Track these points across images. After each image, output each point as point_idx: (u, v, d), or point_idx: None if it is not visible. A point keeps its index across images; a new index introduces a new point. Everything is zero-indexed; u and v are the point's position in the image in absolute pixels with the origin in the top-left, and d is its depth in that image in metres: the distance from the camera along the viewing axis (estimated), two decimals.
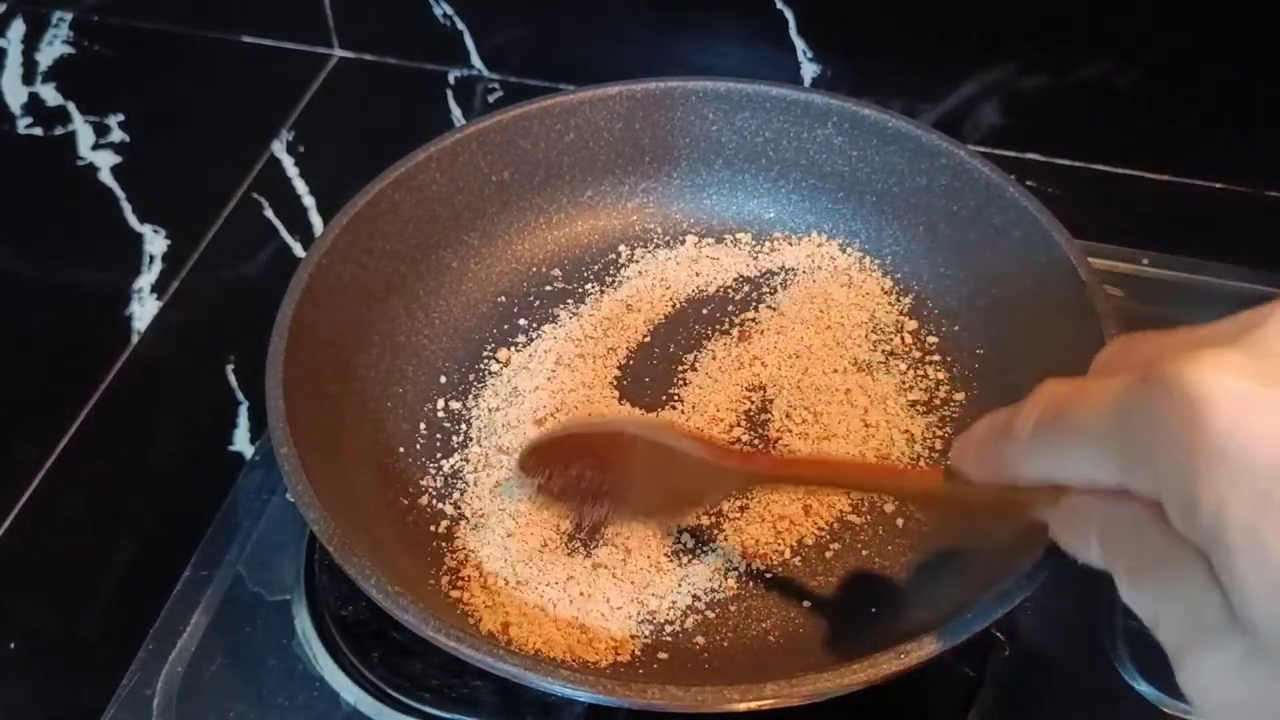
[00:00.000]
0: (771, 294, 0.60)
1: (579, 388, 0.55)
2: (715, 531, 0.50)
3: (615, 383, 0.56)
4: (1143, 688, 0.47)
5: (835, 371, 0.56)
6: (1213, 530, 0.25)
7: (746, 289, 0.60)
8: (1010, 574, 0.40)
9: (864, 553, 0.49)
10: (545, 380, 0.56)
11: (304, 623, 0.50)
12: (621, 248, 0.62)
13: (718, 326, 0.58)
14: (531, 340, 0.58)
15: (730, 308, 0.59)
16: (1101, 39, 0.66)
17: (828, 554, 0.49)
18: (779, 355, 0.57)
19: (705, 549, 0.49)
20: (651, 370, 0.56)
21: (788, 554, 0.49)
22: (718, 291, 0.60)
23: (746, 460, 0.45)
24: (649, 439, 0.45)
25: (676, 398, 0.55)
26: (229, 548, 0.53)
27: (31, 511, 0.56)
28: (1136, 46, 0.66)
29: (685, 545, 0.49)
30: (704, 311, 0.59)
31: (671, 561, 0.49)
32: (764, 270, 0.61)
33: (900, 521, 0.50)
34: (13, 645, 0.51)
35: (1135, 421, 0.27)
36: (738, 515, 0.50)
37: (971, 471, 0.35)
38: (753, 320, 0.58)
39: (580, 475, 0.48)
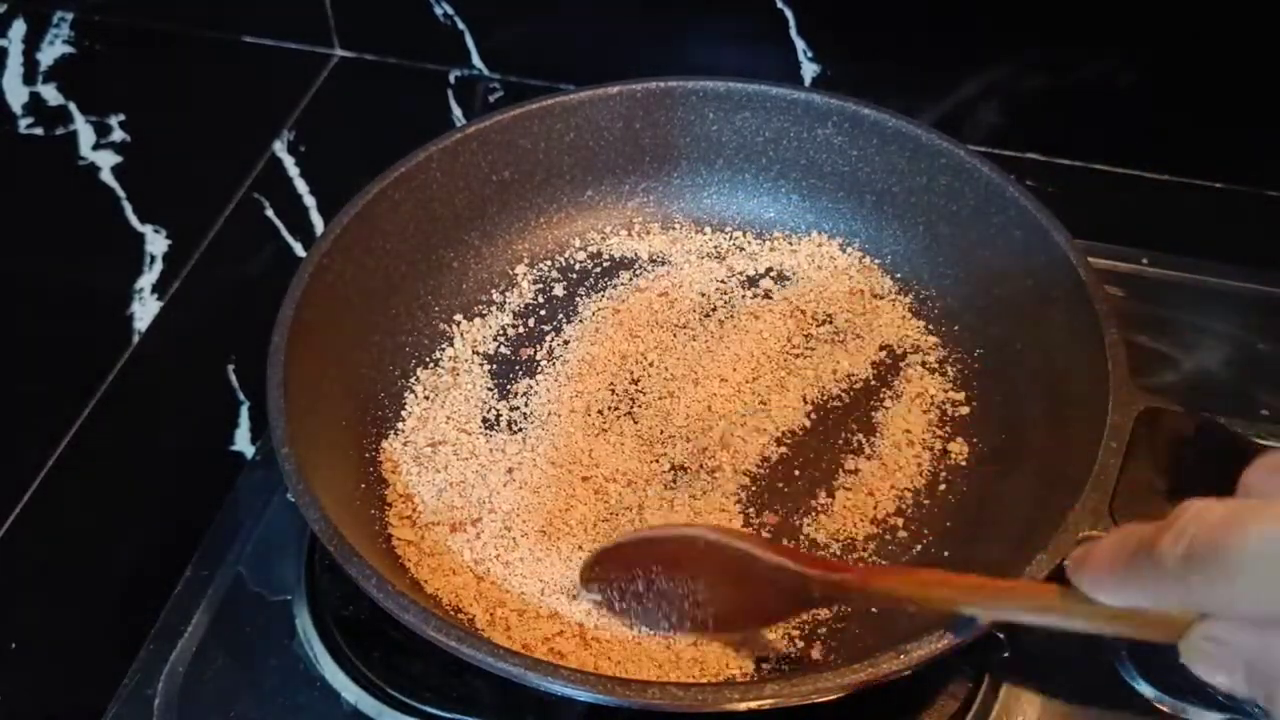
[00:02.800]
0: (771, 294, 0.60)
1: (581, 391, 0.55)
2: None
3: (613, 384, 0.56)
4: (1142, 688, 0.47)
5: (834, 371, 0.56)
6: None
7: (747, 288, 0.60)
8: (1010, 574, 0.40)
9: (865, 554, 0.49)
10: (548, 381, 0.56)
11: (305, 622, 0.50)
12: (621, 247, 0.62)
13: (718, 326, 0.58)
14: (533, 341, 0.58)
15: (731, 307, 0.59)
16: (1101, 39, 0.66)
17: (829, 555, 0.49)
18: (780, 355, 0.57)
19: None
20: (651, 371, 0.56)
21: None
22: (717, 291, 0.60)
23: (831, 568, 0.42)
24: (725, 545, 0.42)
25: (675, 395, 0.55)
26: (230, 547, 0.53)
27: (33, 511, 0.56)
28: (1136, 46, 0.66)
29: None
30: (704, 311, 0.59)
31: None
32: (764, 270, 0.61)
33: (900, 521, 0.50)
34: (14, 645, 0.51)
35: None
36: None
37: (1099, 592, 0.32)
38: (754, 319, 0.59)
39: (646, 585, 0.44)
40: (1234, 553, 0.27)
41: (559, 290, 0.60)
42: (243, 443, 0.59)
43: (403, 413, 0.55)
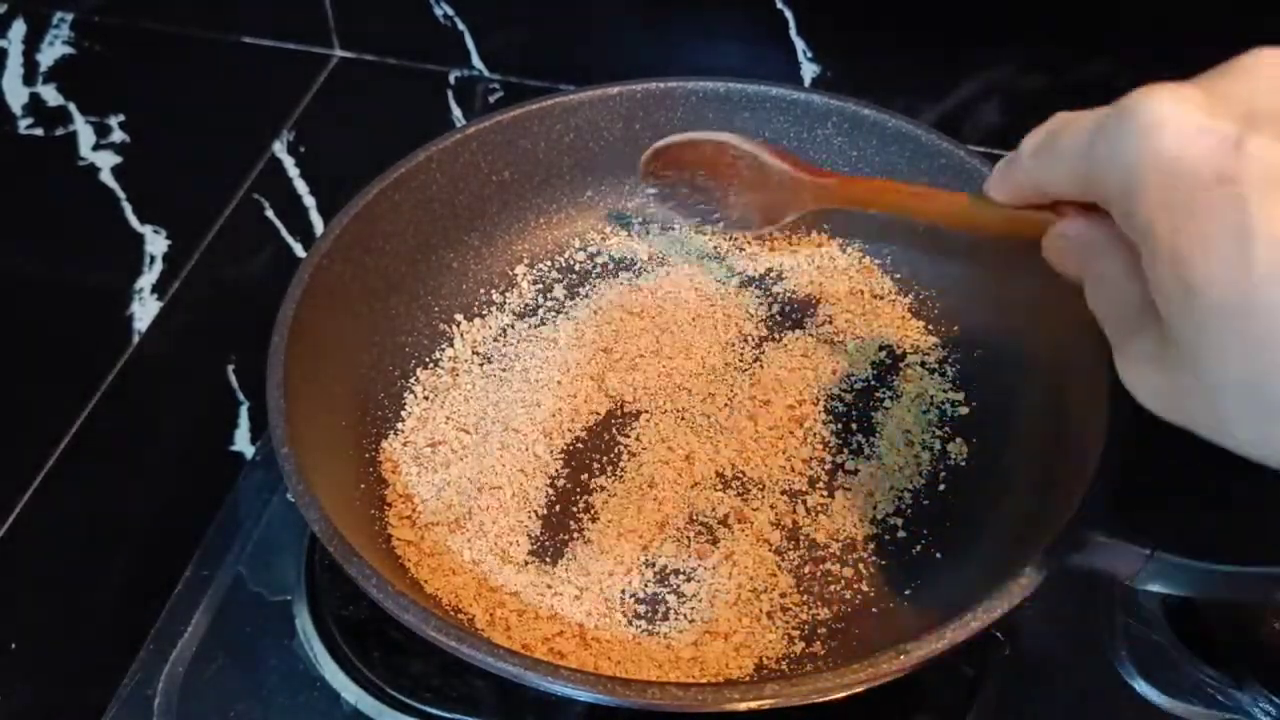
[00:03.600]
0: (771, 295, 0.60)
1: (580, 391, 0.55)
2: (721, 529, 0.50)
3: (614, 383, 0.56)
4: (1142, 687, 0.47)
5: (834, 371, 0.56)
6: (1145, 231, 0.29)
7: (747, 289, 0.60)
8: (1010, 574, 0.40)
9: (864, 554, 0.49)
10: (548, 381, 0.56)
11: (305, 622, 0.50)
12: (620, 248, 0.62)
13: (717, 325, 0.58)
14: (533, 341, 0.58)
15: (730, 306, 0.59)
16: (1100, 38, 0.66)
17: (828, 555, 0.49)
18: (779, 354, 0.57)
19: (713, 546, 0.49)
20: (649, 370, 0.56)
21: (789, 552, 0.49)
22: (718, 291, 0.60)
23: (819, 174, 0.52)
24: (744, 148, 0.53)
25: (673, 394, 0.55)
26: (230, 548, 0.53)
27: (33, 511, 0.56)
28: (1135, 46, 0.66)
29: (689, 545, 0.50)
30: (704, 311, 0.59)
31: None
32: (764, 270, 0.61)
33: (899, 521, 0.50)
34: (14, 645, 0.51)
35: (1101, 141, 0.32)
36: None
37: (992, 190, 0.41)
38: (752, 316, 0.59)
39: (692, 179, 0.55)
40: (1058, 144, 0.35)
41: (559, 290, 0.60)
42: (243, 443, 0.59)
43: (403, 413, 0.55)
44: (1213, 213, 0.28)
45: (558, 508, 0.51)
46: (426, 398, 0.55)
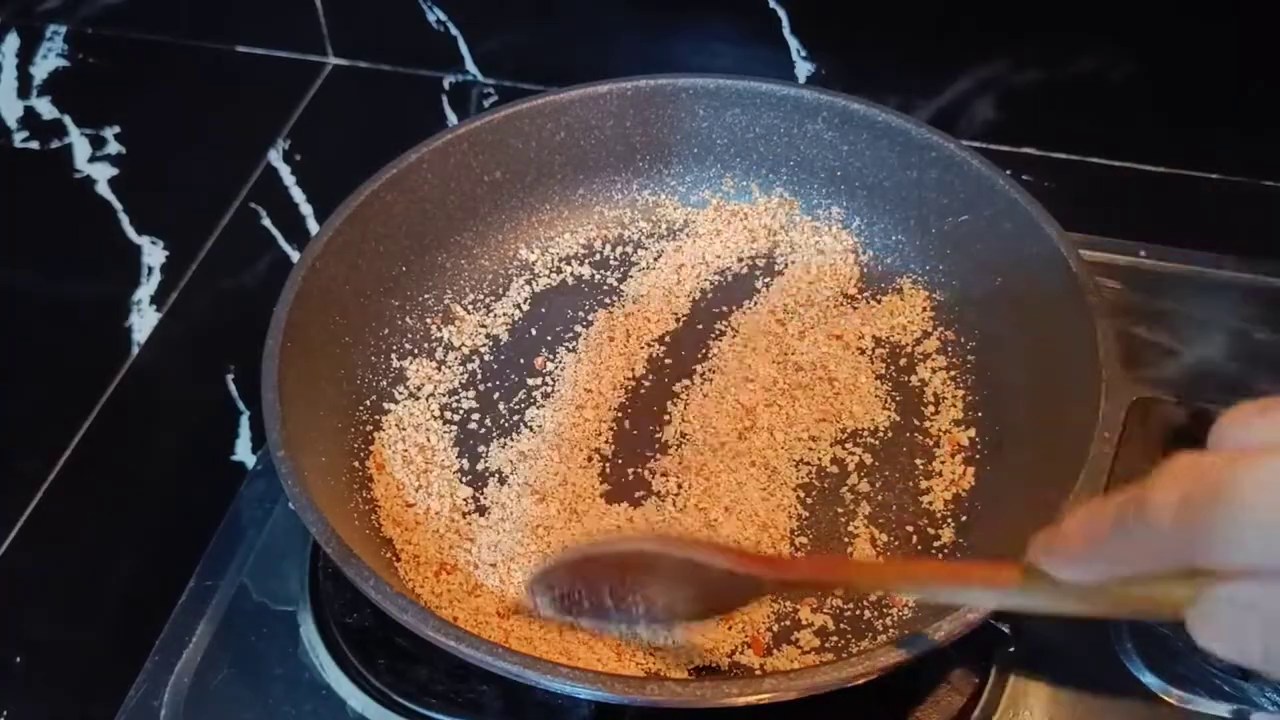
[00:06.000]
0: (764, 290, 0.60)
1: (577, 392, 0.55)
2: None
3: (611, 383, 0.56)
4: (1148, 679, 0.46)
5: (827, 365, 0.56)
6: None
7: (738, 283, 0.60)
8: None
9: (867, 552, 0.49)
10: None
11: (309, 631, 0.49)
12: (613, 246, 0.62)
13: (712, 322, 0.58)
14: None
15: (724, 303, 0.59)
16: (1095, 33, 0.66)
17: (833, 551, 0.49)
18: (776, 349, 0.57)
19: None
20: (648, 369, 0.57)
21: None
22: (712, 286, 0.60)
23: (777, 565, 0.42)
24: (669, 554, 0.40)
25: (675, 393, 0.55)
26: (233, 558, 0.53)
27: (35, 525, 0.56)
28: (1130, 40, 0.66)
29: None
30: (698, 306, 0.59)
31: None
32: (764, 269, 0.61)
33: (902, 519, 0.50)
34: (19, 659, 0.52)
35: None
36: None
37: (1074, 570, 0.30)
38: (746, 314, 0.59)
39: (598, 593, 0.42)
40: (1239, 500, 0.25)
41: (553, 289, 0.60)
42: (244, 452, 0.59)
43: (399, 413, 0.55)
44: None
45: (559, 509, 0.51)
46: (422, 398, 0.55)
